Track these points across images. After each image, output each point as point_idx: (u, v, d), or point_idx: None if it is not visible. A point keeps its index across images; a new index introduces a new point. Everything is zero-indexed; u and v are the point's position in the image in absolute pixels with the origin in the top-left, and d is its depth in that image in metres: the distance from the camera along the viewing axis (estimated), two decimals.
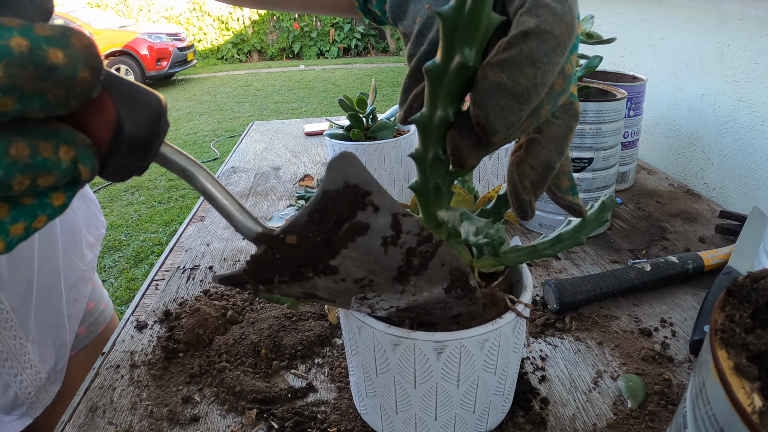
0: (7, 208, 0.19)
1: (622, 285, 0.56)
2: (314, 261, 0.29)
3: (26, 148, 0.18)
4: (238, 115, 5.16)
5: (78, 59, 0.17)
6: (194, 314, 0.54)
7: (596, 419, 0.42)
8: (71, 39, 0.17)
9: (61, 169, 0.19)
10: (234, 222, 0.26)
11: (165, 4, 9.00)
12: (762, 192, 0.79)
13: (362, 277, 0.30)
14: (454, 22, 0.22)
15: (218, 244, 0.74)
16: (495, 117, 0.23)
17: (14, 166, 0.18)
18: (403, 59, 8.29)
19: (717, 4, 0.85)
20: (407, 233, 0.29)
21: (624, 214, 0.78)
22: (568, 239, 0.35)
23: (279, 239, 0.27)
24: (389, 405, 0.37)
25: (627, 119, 0.84)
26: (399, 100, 0.29)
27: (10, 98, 0.17)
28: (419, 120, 0.27)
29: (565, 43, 0.24)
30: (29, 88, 0.17)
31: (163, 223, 2.94)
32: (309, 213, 0.27)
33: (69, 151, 0.19)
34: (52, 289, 0.59)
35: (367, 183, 0.26)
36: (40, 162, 0.18)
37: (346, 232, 0.28)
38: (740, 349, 0.22)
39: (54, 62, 0.17)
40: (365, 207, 0.27)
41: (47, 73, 0.17)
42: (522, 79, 0.23)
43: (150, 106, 0.21)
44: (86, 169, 0.20)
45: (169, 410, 0.45)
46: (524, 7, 0.24)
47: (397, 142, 0.75)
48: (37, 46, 0.17)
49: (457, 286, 0.32)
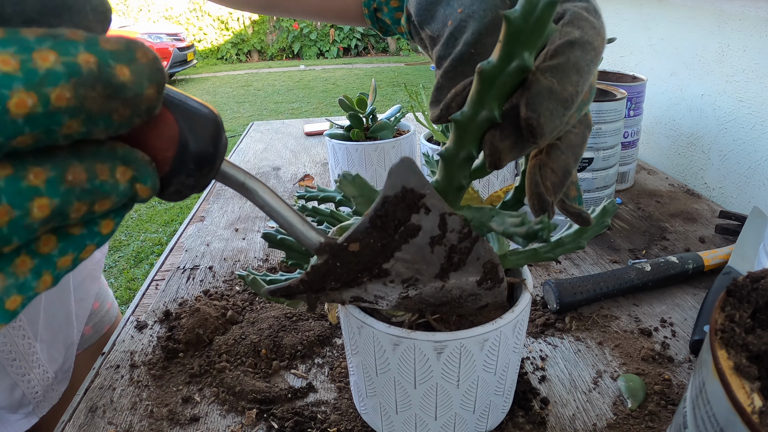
0: (54, 241, 0.17)
1: (622, 285, 0.56)
2: (371, 266, 0.29)
3: (83, 172, 0.16)
4: (238, 115, 5.16)
5: (144, 75, 0.16)
6: (194, 314, 0.54)
7: (596, 419, 0.42)
8: (136, 54, 0.16)
9: (118, 192, 0.18)
10: (296, 234, 0.26)
11: (165, 4, 9.00)
12: (762, 192, 0.79)
13: (409, 278, 0.31)
14: (519, 27, 0.23)
15: (218, 244, 0.74)
16: (545, 120, 0.24)
17: (71, 193, 0.16)
18: (403, 59, 8.30)
19: (717, 4, 0.85)
20: (451, 231, 0.29)
21: (624, 214, 0.78)
22: (569, 243, 0.35)
23: (342, 248, 0.27)
24: (389, 405, 0.37)
25: (627, 119, 0.84)
26: (431, 99, 0.30)
27: (76, 121, 0.15)
28: (459, 119, 0.27)
29: (600, 54, 0.26)
30: (96, 109, 0.16)
31: (163, 223, 2.94)
32: (371, 219, 0.27)
33: (126, 171, 0.18)
34: (62, 288, 0.59)
35: (422, 186, 0.26)
36: (98, 186, 0.17)
37: (401, 235, 0.28)
38: (740, 349, 0.22)
39: (121, 80, 0.16)
40: (419, 209, 0.27)
41: (115, 92, 0.16)
42: (568, 85, 0.24)
43: (209, 120, 0.20)
44: (146, 188, 0.19)
45: (169, 410, 0.45)
46: (565, 18, 0.26)
47: (397, 142, 0.75)
48: (104, 63, 0.15)
49: (488, 278, 0.32)
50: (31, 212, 0.15)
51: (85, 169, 0.17)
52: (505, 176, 0.75)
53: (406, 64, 7.71)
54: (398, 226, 0.27)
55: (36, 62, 0.14)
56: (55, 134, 0.15)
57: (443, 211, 0.28)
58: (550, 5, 0.22)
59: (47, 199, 0.16)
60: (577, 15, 0.26)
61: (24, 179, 0.15)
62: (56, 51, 0.15)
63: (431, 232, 0.28)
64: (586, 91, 0.26)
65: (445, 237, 0.29)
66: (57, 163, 0.16)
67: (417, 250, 0.29)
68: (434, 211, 0.28)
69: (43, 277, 0.17)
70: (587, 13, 0.27)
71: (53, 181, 0.16)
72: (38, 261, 0.17)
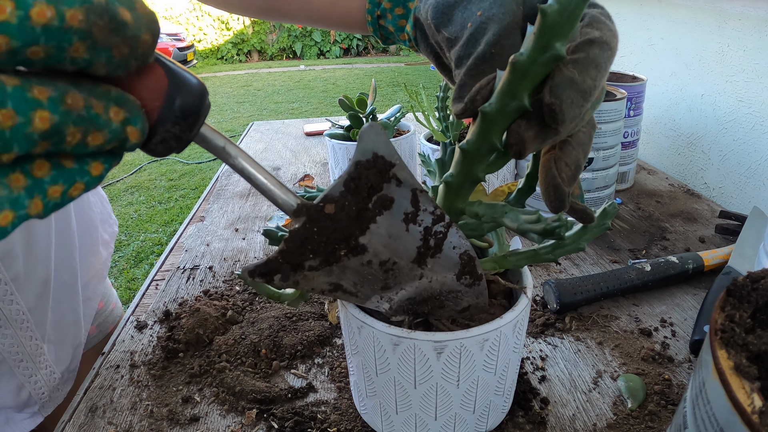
0: (48, 167, 0.19)
1: (622, 285, 0.56)
2: (347, 236, 0.30)
3: (81, 99, 0.18)
4: (238, 115, 5.16)
5: (142, 21, 0.18)
6: (194, 314, 0.54)
7: (596, 419, 0.42)
8: (136, 4, 0.18)
9: (111, 128, 0.19)
10: (274, 197, 0.27)
11: (165, 4, 9.00)
12: (762, 192, 0.79)
13: (387, 259, 0.31)
14: (555, 20, 0.24)
15: (218, 244, 0.74)
16: (566, 106, 0.26)
17: (69, 114, 0.18)
18: (403, 59, 8.30)
19: (717, 4, 0.85)
20: (424, 210, 0.30)
21: (624, 214, 0.78)
22: (569, 244, 0.35)
23: (318, 208, 0.28)
24: (389, 405, 0.37)
25: (627, 119, 0.84)
26: (453, 95, 0.31)
27: (83, 45, 0.17)
28: (488, 109, 0.28)
29: (614, 54, 0.28)
30: (101, 39, 0.17)
31: (163, 223, 2.94)
32: (344, 183, 0.28)
33: (119, 112, 0.19)
34: (70, 288, 0.59)
35: (391, 155, 0.28)
36: (93, 116, 0.18)
37: (375, 205, 0.29)
38: (740, 349, 0.22)
39: (124, 19, 0.18)
40: (390, 180, 0.28)
41: (118, 28, 0.17)
42: (588, 78, 0.26)
43: (196, 84, 0.21)
44: (136, 131, 0.20)
45: (169, 410, 0.45)
46: (585, 20, 0.29)
47: (397, 142, 0.75)
48: (111, 1, 0.17)
49: (466, 272, 0.33)
50: (32, 121, 0.17)
51: (83, 98, 0.18)
52: (505, 175, 0.75)
53: (406, 64, 7.71)
54: (371, 192, 0.28)
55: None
56: (64, 53, 0.17)
57: (414, 187, 0.29)
58: (584, 0, 0.24)
59: (48, 113, 0.17)
60: (596, 18, 0.29)
61: (29, 91, 0.17)
62: None
63: (404, 207, 0.29)
64: (599, 91, 0.28)
65: (419, 215, 0.30)
66: (59, 86, 0.18)
67: (391, 225, 0.30)
68: (405, 185, 0.29)
69: (35, 199, 0.18)
70: (604, 18, 0.29)
71: (54, 99, 0.17)
72: (31, 182, 0.18)
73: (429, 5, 0.35)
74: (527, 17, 0.31)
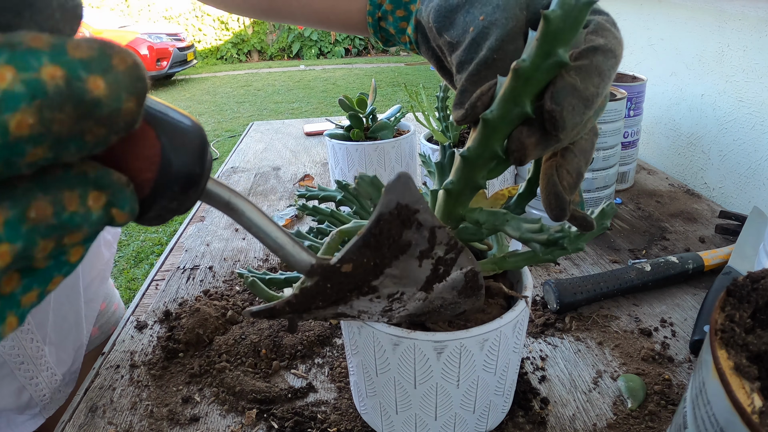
0: (17, 278, 0.15)
1: (622, 285, 0.56)
2: (361, 284, 0.28)
3: (49, 205, 0.14)
4: (238, 115, 5.16)
5: (122, 86, 0.14)
6: (194, 314, 0.54)
7: (596, 419, 0.42)
8: (112, 60, 0.14)
9: (90, 222, 0.15)
10: (286, 256, 0.25)
11: (165, 4, 9.00)
12: (762, 192, 0.79)
13: (395, 292, 0.30)
14: (558, 25, 0.24)
15: (218, 244, 0.74)
16: (567, 113, 0.26)
17: (35, 232, 0.14)
18: (403, 59, 8.30)
19: (717, 4, 0.85)
20: (439, 244, 0.29)
21: (624, 214, 0.78)
22: (568, 245, 0.35)
23: (335, 269, 0.26)
24: (389, 405, 0.37)
25: (627, 119, 0.84)
26: (454, 101, 0.31)
27: (41, 148, 0.13)
28: (489, 117, 0.27)
29: (619, 62, 0.28)
30: (66, 133, 0.13)
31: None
32: (364, 238, 0.26)
33: (100, 197, 0.15)
34: (72, 289, 0.59)
35: (416, 201, 0.26)
36: (66, 220, 0.15)
37: (392, 252, 0.27)
38: (740, 349, 0.22)
39: (95, 95, 0.13)
40: (412, 225, 0.27)
41: (89, 111, 0.13)
42: (590, 86, 0.26)
43: (194, 135, 0.18)
44: (123, 214, 0.16)
45: (169, 410, 0.45)
46: (590, 27, 0.28)
47: (397, 142, 0.75)
48: (74, 76, 0.13)
49: (469, 286, 0.32)
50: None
51: (51, 201, 0.14)
52: (506, 177, 0.75)
53: (406, 64, 7.71)
54: (392, 245, 0.27)
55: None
56: (17, 165, 0.13)
57: (433, 225, 0.28)
58: (587, 5, 0.24)
59: (7, 245, 0.13)
60: (601, 25, 0.28)
61: None
62: (14, 66, 0.12)
63: (421, 246, 0.28)
64: (602, 99, 0.28)
65: (434, 250, 0.29)
66: (17, 199, 0.14)
67: (406, 265, 0.29)
68: (425, 225, 0.27)
69: (8, 319, 0.15)
70: (609, 25, 0.29)
71: (13, 222, 0.13)
72: (1, 303, 0.15)
73: (431, 8, 0.34)
74: (530, 22, 0.31)
